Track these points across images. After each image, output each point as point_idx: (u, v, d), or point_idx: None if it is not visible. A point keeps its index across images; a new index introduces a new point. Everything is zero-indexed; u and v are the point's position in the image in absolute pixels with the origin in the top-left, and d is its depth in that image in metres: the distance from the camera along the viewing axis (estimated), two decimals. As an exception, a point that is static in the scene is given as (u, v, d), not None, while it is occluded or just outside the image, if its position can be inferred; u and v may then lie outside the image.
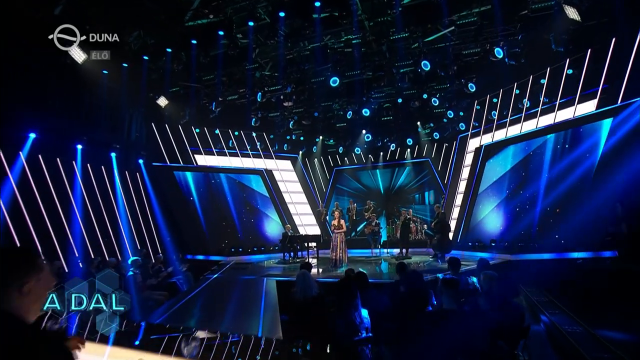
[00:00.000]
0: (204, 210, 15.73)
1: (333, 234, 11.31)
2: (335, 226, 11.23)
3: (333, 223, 11.31)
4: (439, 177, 18.01)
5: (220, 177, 16.38)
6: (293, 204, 17.83)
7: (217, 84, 12.90)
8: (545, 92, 12.25)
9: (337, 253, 11.08)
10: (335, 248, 11.12)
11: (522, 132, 13.03)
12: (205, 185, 16.02)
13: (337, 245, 11.12)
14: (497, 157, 13.91)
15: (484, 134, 14.93)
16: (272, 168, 17.78)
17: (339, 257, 11.06)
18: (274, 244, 16.20)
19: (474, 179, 14.55)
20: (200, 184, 15.94)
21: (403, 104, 14.85)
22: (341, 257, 11.08)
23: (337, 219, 11.30)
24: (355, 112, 15.49)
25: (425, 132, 17.36)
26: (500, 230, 13.41)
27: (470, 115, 15.66)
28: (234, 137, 17.11)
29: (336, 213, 11.54)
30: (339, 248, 11.11)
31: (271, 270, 11.05)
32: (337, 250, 11.10)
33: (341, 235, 11.26)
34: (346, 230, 11.36)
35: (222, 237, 15.73)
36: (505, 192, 13.39)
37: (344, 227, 11.34)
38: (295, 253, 13.80)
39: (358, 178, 19.55)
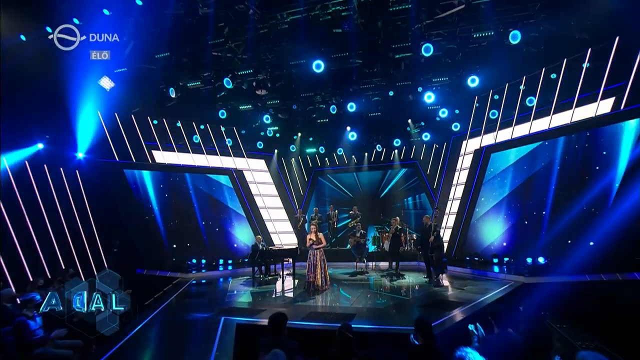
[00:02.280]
0: (161, 216, 13.08)
1: (311, 249, 9.00)
2: (313, 241, 8.91)
3: (310, 237, 9.00)
4: (428, 182, 16.08)
5: (182, 178, 13.76)
6: (266, 208, 15.40)
7: (171, 62, 10.34)
8: (560, 87, 10.42)
9: (317, 274, 8.78)
10: (313, 268, 8.81)
11: (530, 132, 11.17)
12: (164, 187, 13.37)
13: (315, 265, 8.82)
14: (501, 160, 12.02)
15: (485, 134, 13.02)
16: (243, 168, 15.29)
17: (318, 280, 8.76)
18: (243, 254, 13.74)
19: (472, 183, 12.62)
20: (157, 185, 13.27)
21: (394, 98, 12.73)
22: (321, 280, 8.79)
23: (314, 232, 9.00)
24: (339, 105, 13.27)
25: (416, 132, 15.33)
26: (503, 244, 11.51)
27: (466, 113, 13.73)
28: (199, 132, 14.51)
29: (313, 226, 9.20)
30: (318, 267, 8.80)
31: (235, 297, 8.64)
32: (315, 271, 8.79)
33: (321, 252, 8.96)
34: (327, 245, 9.06)
35: (182, 248, 13.13)
36: (509, 200, 11.51)
37: (323, 241, 9.04)
38: (268, 269, 11.41)
39: (340, 181, 17.35)
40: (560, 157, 10.26)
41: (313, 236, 8.97)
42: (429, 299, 7.75)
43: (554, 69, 10.53)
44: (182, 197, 13.57)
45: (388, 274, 11.45)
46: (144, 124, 13.34)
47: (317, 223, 9.24)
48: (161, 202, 13.19)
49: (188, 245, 13.22)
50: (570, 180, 10.01)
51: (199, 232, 13.52)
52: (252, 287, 9.79)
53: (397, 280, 10.22)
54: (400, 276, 10.85)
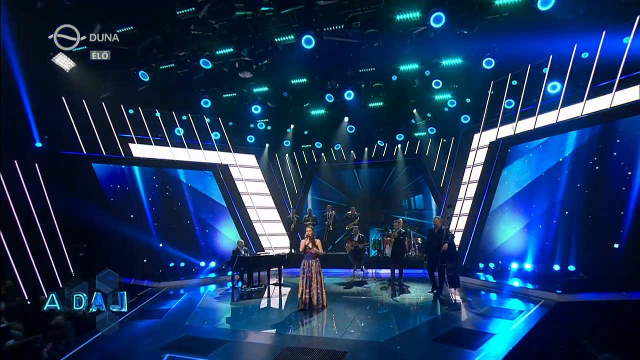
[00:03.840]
0: (135, 216, 11.36)
1: (305, 257, 7.22)
2: (309, 248, 7.12)
3: (304, 243, 7.22)
4: (434, 180, 14.27)
5: (160, 173, 12.03)
6: (255, 208, 13.64)
7: (137, 38, 8.63)
8: (598, 66, 8.59)
9: (313, 290, 6.98)
10: (309, 282, 7.00)
11: (558, 121, 9.34)
12: (138, 184, 11.64)
13: (311, 278, 7.02)
14: (521, 153, 10.19)
15: (501, 125, 11.19)
16: (229, 163, 13.54)
17: (315, 297, 6.96)
18: (227, 259, 11.97)
19: (488, 180, 10.79)
20: (130, 181, 11.55)
21: (398, 83, 10.93)
22: (317, 297, 6.99)
23: (309, 237, 7.21)
24: (336, 93, 11.47)
25: (422, 124, 13.51)
26: (524, 249, 9.67)
27: (479, 102, 11.91)
28: (180, 123, 12.78)
29: (309, 228, 7.40)
30: (314, 281, 7.01)
31: (201, 318, 6.89)
32: (311, 286, 6.99)
33: (317, 263, 7.17)
34: (324, 253, 7.26)
35: (157, 252, 11.39)
36: (532, 199, 9.68)
37: (320, 249, 7.24)
38: (250, 278, 9.65)
39: (338, 179, 15.56)
40: (596, 149, 8.42)
41: (308, 241, 7.18)
42: (444, 326, 5.96)
43: (589, 45, 8.70)
44: (158, 195, 11.85)
45: (390, 285, 9.68)
46: (117, 112, 11.64)
47: (312, 228, 7.42)
48: (135, 200, 11.47)
49: (164, 250, 11.48)
50: (609, 176, 8.18)
51: (177, 234, 11.78)
52: (229, 302, 8.04)
53: (400, 296, 8.41)
54: (404, 289, 9.07)
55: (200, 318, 6.74)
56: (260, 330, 6.00)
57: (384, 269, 11.09)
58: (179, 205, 12.09)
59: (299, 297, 7.08)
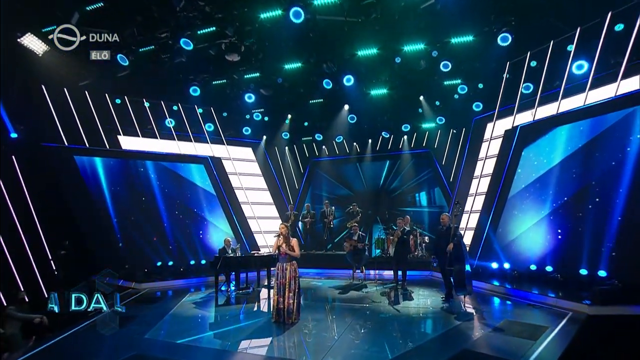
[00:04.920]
0: (119, 212, 10.47)
1: (279, 260, 6.14)
2: (283, 249, 6.06)
3: (277, 243, 6.15)
4: (443, 174, 13.02)
5: (146, 167, 11.12)
6: (250, 204, 12.63)
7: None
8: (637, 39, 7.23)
9: (286, 299, 5.91)
10: (283, 290, 5.94)
11: (586, 103, 8.00)
12: (123, 178, 10.76)
13: (285, 285, 5.95)
14: (541, 143, 8.88)
15: (518, 112, 9.87)
16: (223, 156, 12.55)
17: (291, 306, 5.90)
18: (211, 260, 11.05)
19: (502, 173, 9.52)
20: (115, 175, 10.67)
21: (403, 67, 9.73)
22: (287, 308, 5.90)
23: (283, 235, 6.12)
24: (334, 78, 10.34)
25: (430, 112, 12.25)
26: (544, 250, 8.38)
27: (493, 87, 10.59)
28: (170, 113, 11.83)
29: (282, 226, 6.31)
30: (286, 289, 5.93)
31: (168, 328, 5.92)
32: (284, 294, 5.92)
33: (292, 267, 6.09)
34: (299, 256, 6.13)
35: (143, 250, 10.50)
36: (554, 191, 8.38)
37: (296, 250, 6.15)
38: (238, 280, 8.64)
39: (340, 173, 14.42)
40: (633, 133, 7.08)
41: (282, 241, 6.11)
42: (449, 347, 4.81)
43: (623, 15, 7.34)
44: (145, 190, 10.94)
45: (392, 288, 8.56)
46: (102, 102, 10.75)
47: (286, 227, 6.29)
48: (120, 195, 10.58)
49: (151, 248, 10.57)
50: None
51: (164, 232, 10.86)
52: (208, 308, 7.05)
53: (402, 303, 7.27)
54: (408, 294, 7.93)
55: (166, 329, 5.75)
56: (226, 348, 4.97)
57: (388, 270, 9.96)
58: (168, 200, 11.16)
59: (273, 307, 6.02)
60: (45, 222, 9.25)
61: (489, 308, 6.72)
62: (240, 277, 8.76)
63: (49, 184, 9.72)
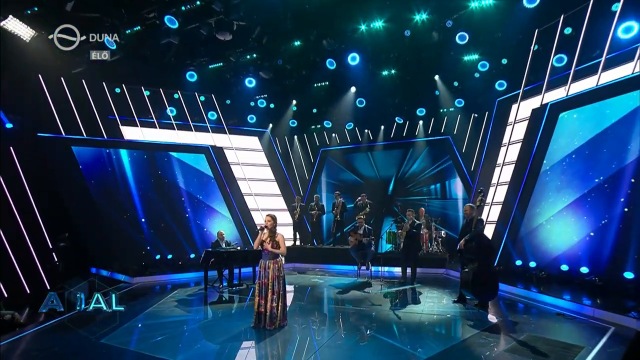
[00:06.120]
0: (118, 203, 10.02)
1: (262, 257, 5.27)
2: (266, 246, 5.17)
3: (260, 237, 5.23)
4: (463, 163, 11.67)
5: (146, 157, 10.58)
6: (253, 195, 11.87)
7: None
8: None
9: (268, 302, 5.05)
10: (265, 290, 5.09)
11: (634, 72, 6.53)
12: (122, 168, 10.28)
13: (267, 285, 5.10)
14: (577, 123, 7.45)
15: (549, 90, 8.43)
16: (226, 146, 11.83)
17: (272, 310, 5.04)
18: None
19: (529, 159, 8.16)
20: (114, 165, 10.20)
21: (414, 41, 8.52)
22: (271, 312, 5.04)
23: (268, 228, 5.22)
24: (337, 57, 9.29)
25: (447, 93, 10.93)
26: (578, 248, 7.02)
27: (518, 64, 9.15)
28: (169, 102, 11.22)
29: (267, 218, 5.40)
30: (269, 290, 5.07)
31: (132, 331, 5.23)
32: (266, 296, 5.06)
33: (276, 266, 5.20)
34: (285, 253, 5.24)
35: (141, 243, 10.00)
36: (592, 176, 6.98)
37: (282, 246, 5.25)
38: (231, 276, 7.89)
39: (352, 163, 13.35)
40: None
41: (266, 236, 5.23)
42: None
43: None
44: (145, 181, 10.43)
45: (398, 288, 7.54)
46: (99, 91, 10.29)
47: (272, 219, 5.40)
48: (120, 187, 10.13)
49: (150, 240, 10.06)
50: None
51: (163, 225, 10.31)
52: (187, 308, 6.34)
53: (406, 307, 6.22)
54: (415, 296, 6.87)
55: (130, 333, 5.04)
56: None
57: (396, 267, 8.93)
58: (167, 191, 10.61)
59: (255, 309, 5.17)
60: (45, 214, 8.93)
61: (508, 317, 5.55)
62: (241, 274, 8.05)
63: (46, 175, 9.39)
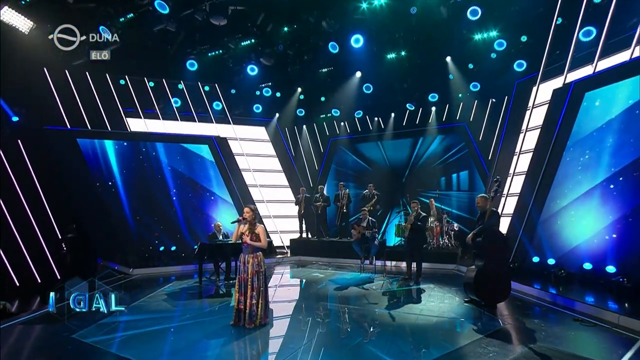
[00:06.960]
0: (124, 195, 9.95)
1: (242, 251, 4.87)
2: (245, 239, 4.78)
3: (239, 230, 4.82)
4: (479, 152, 10.82)
5: (151, 149, 10.41)
6: (258, 187, 11.53)
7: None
8: None
9: (247, 299, 4.67)
10: (244, 287, 4.70)
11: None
12: (127, 160, 10.19)
13: (247, 281, 4.71)
14: (605, 104, 6.54)
15: (572, 69, 7.49)
16: (230, 136, 11.52)
17: (252, 307, 4.66)
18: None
19: (550, 145, 7.30)
20: (119, 158, 10.12)
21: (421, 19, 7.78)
22: (250, 310, 4.66)
23: (248, 220, 4.80)
24: (339, 39, 8.67)
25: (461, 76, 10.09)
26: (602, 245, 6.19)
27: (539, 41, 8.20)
28: (173, 92, 10.98)
29: (247, 211, 4.97)
30: (247, 286, 4.68)
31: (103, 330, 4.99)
32: (246, 292, 4.68)
33: (255, 259, 4.78)
34: (265, 246, 4.82)
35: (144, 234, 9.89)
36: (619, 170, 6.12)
37: (262, 239, 4.83)
38: (228, 269, 7.60)
39: (362, 153, 12.73)
40: None
41: (245, 228, 4.83)
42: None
43: None
44: (148, 173, 10.28)
45: (401, 285, 6.99)
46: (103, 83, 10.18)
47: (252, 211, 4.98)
48: (124, 178, 10.05)
49: (153, 232, 9.95)
50: None
51: (168, 217, 10.16)
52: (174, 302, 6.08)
53: (405, 307, 5.68)
54: (418, 294, 6.31)
55: (106, 328, 4.78)
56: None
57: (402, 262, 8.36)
58: (172, 183, 10.43)
59: (234, 306, 4.80)
60: (53, 205, 8.94)
61: (520, 321, 4.89)
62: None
63: (53, 168, 9.40)
